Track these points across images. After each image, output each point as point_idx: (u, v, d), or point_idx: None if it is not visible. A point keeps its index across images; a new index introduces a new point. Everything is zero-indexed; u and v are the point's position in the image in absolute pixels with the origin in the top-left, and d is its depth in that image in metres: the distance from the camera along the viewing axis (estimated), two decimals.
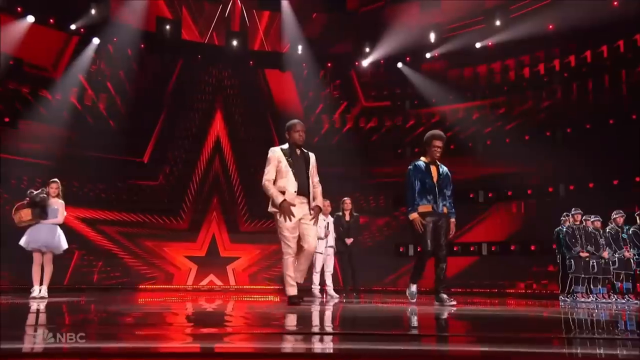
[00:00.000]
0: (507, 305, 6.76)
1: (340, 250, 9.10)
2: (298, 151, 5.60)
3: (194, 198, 15.65)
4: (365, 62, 15.78)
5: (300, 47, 15.38)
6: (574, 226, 9.58)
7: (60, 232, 7.92)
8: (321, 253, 9.08)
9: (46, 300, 7.12)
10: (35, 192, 7.76)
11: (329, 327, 3.42)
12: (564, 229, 9.62)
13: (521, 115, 14.77)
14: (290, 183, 5.42)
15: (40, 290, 7.71)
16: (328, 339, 2.87)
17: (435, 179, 6.02)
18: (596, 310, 6.08)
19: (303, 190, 5.47)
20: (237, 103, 16.21)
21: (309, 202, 5.51)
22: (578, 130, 13.71)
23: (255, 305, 6.52)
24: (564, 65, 14.46)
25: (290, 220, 5.34)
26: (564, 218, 9.90)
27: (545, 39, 14.13)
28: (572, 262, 9.40)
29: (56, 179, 8.08)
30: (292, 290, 5.45)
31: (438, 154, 6.07)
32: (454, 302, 5.77)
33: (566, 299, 9.49)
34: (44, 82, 13.69)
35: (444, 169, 6.16)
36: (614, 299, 9.34)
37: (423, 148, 6.23)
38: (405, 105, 16.19)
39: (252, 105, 16.01)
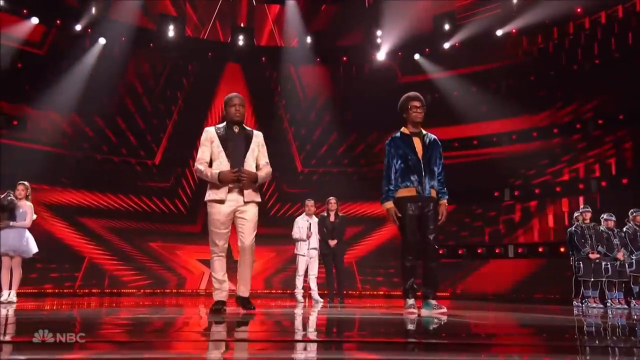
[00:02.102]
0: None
1: (325, 253, 8.75)
2: (236, 129, 4.94)
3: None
4: (381, 55, 15.32)
5: (309, 40, 15.09)
6: (583, 225, 8.80)
7: (28, 235, 7.90)
8: (303, 255, 8.80)
9: (14, 305, 7.15)
10: (2, 196, 7.84)
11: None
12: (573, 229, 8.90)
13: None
14: (222, 166, 4.79)
15: (9, 294, 7.80)
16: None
17: (420, 153, 4.93)
18: (598, 317, 5.39)
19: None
20: (251, 99, 16.11)
21: (245, 191, 4.79)
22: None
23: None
24: None
25: (239, 181, 4.73)
26: (576, 216, 9.18)
27: None
28: (581, 264, 8.64)
29: (24, 182, 8.11)
30: (216, 295, 4.91)
31: (420, 117, 4.97)
32: (444, 309, 4.80)
33: (579, 304, 8.77)
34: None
35: (430, 138, 5.05)
36: (633, 304, 8.56)
37: (400, 117, 5.12)
38: (426, 99, 15.55)
39: (265, 101, 15.86)
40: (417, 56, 15.09)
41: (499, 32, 14.16)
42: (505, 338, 3.34)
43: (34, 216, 8.03)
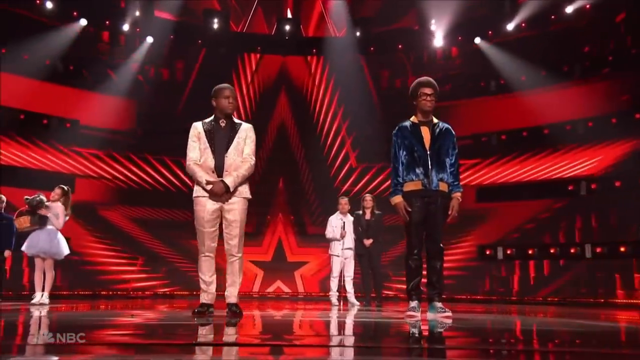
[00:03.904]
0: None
1: (360, 253, 8.54)
2: (222, 123, 4.86)
3: (258, 199, 15.65)
4: (438, 41, 14.83)
5: (358, 29, 14.85)
6: None
7: (60, 237, 8.18)
8: (338, 256, 8.61)
9: (47, 307, 7.45)
10: (30, 198, 8.17)
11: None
12: None
13: None
14: (207, 162, 4.74)
15: (41, 296, 8.13)
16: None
17: (427, 144, 4.75)
18: None
19: (222, 171, 4.71)
20: (302, 92, 16.09)
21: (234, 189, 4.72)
22: None
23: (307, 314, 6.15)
24: None
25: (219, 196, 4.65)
26: None
27: None
28: None
29: (64, 186, 8.42)
30: (201, 297, 4.86)
31: (429, 106, 4.79)
32: (449, 313, 4.62)
33: None
34: None
35: (441, 127, 4.86)
36: None
37: (410, 104, 4.98)
38: (490, 86, 14.98)
39: (316, 94, 15.76)
40: (477, 40, 14.47)
41: (569, 9, 13.30)
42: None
43: (66, 217, 8.34)
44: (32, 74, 13.07)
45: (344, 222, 8.56)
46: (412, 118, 4.94)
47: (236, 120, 5.00)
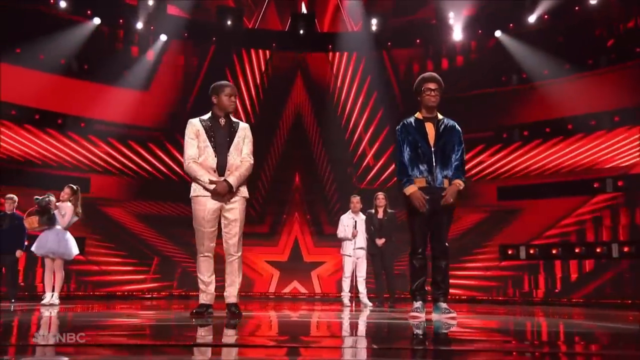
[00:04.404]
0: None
1: (372, 253, 8.46)
2: (222, 121, 4.88)
3: (273, 197, 15.72)
4: (457, 34, 14.61)
5: (374, 23, 14.71)
6: None
7: (69, 237, 8.25)
8: (350, 256, 8.55)
9: (57, 307, 7.51)
10: (40, 198, 8.25)
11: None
12: None
13: None
14: (208, 161, 4.77)
15: (51, 297, 8.20)
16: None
17: (432, 140, 4.75)
18: None
19: (224, 170, 4.76)
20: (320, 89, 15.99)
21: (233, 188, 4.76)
22: None
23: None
24: None
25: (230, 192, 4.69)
26: None
27: None
28: None
29: (73, 185, 8.48)
30: (201, 298, 4.87)
31: (433, 100, 4.78)
32: (454, 314, 4.65)
33: None
34: None
35: (447, 124, 4.85)
36: None
37: (415, 100, 5.00)
38: (512, 80, 14.71)
39: (337, 91, 15.63)
40: (498, 33, 14.24)
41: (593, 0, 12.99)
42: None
43: (75, 218, 8.39)
44: (47, 72, 13.21)
45: (355, 221, 8.50)
46: (417, 114, 4.90)
47: (233, 119, 5.00)
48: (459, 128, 4.90)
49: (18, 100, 12.88)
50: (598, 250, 12.64)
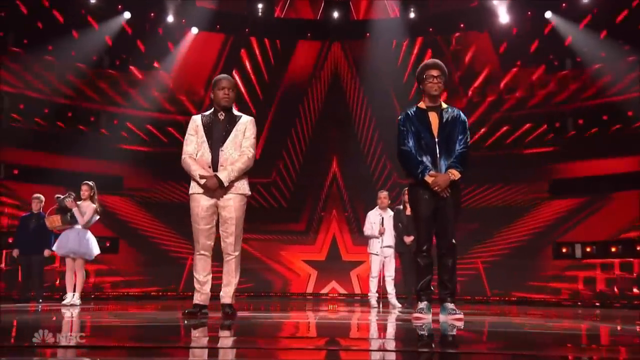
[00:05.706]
0: None
1: (400, 251, 8.28)
2: (221, 115, 4.90)
3: (306, 192, 15.65)
4: (503, 17, 14.13)
5: (412, 10, 14.41)
6: None
7: (90, 236, 8.37)
8: (377, 254, 8.41)
9: (78, 308, 7.67)
10: (62, 197, 8.43)
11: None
12: None
13: None
14: (203, 157, 4.80)
15: (72, 297, 8.36)
16: None
17: (435, 131, 4.63)
18: None
19: (218, 165, 4.77)
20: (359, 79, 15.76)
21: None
22: None
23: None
24: None
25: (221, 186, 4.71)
26: None
27: None
28: None
29: (89, 182, 8.64)
30: (195, 298, 4.90)
31: (436, 88, 4.65)
32: (461, 315, 4.48)
33: None
34: None
35: (451, 112, 4.71)
36: None
37: (418, 89, 4.89)
38: (566, 64, 14.17)
39: (374, 81, 15.41)
40: (548, 14, 13.73)
41: None
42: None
43: (96, 217, 8.54)
44: (80, 69, 13.59)
45: (382, 218, 8.35)
46: (420, 103, 4.77)
47: (236, 113, 5.00)
48: (464, 117, 4.75)
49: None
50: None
